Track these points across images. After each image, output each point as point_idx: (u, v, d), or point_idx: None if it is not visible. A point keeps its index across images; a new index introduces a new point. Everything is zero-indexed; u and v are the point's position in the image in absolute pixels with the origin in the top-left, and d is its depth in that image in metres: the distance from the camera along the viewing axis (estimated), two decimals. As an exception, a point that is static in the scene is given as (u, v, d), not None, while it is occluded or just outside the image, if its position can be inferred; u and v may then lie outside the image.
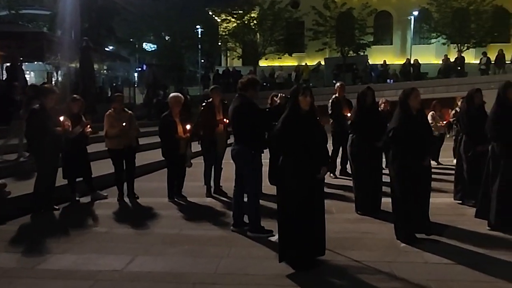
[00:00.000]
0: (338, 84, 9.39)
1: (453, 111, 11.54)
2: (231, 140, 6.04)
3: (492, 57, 23.65)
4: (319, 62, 28.08)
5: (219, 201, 7.11)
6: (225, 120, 7.01)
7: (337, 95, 9.11)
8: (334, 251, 4.59)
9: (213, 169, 7.48)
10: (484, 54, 23.63)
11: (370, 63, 25.64)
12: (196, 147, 7.81)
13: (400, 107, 4.96)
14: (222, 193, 7.46)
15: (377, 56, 28.85)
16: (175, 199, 7.14)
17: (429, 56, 30.37)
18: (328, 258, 4.40)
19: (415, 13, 30.51)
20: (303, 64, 27.23)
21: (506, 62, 23.75)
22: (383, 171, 6.33)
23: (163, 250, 4.85)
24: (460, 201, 6.77)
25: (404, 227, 4.96)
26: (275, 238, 4.86)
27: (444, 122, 10.92)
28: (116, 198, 7.15)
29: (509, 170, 5.27)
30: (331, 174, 9.04)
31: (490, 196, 5.48)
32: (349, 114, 8.89)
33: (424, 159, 4.91)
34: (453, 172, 7.31)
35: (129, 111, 7.36)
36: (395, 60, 30.27)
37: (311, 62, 27.81)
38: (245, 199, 5.35)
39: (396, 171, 4.96)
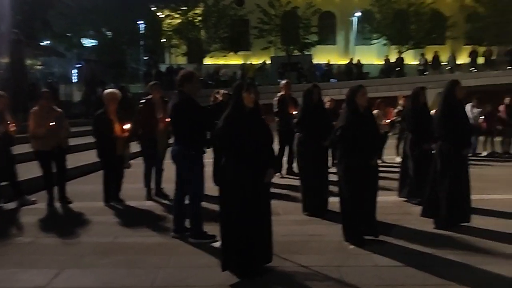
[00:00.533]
0: (283, 81, 9.19)
1: (396, 110, 11.75)
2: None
3: (430, 58, 24.63)
4: (265, 61, 28.02)
5: (160, 205, 6.67)
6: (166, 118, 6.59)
7: (283, 93, 8.91)
8: (281, 256, 4.33)
9: (153, 170, 7.04)
10: (422, 55, 24.53)
11: (315, 62, 25.87)
12: (135, 147, 7.31)
13: (347, 105, 4.79)
14: (163, 195, 7.03)
15: (321, 56, 29.19)
16: (112, 203, 6.63)
17: (371, 56, 31.13)
18: (275, 264, 4.13)
19: (358, 14, 31.21)
20: (249, 62, 27.04)
21: (442, 63, 24.79)
22: (330, 170, 6.19)
23: (94, 262, 4.38)
24: (406, 199, 6.76)
25: (352, 228, 4.79)
26: (218, 244, 4.53)
27: (388, 121, 11.03)
28: (46, 203, 6.53)
29: (457, 168, 5.26)
30: (277, 174, 8.86)
31: (437, 195, 5.46)
32: (295, 113, 8.75)
33: (372, 158, 4.78)
34: (396, 169, 7.32)
35: (59, 109, 6.74)
36: (339, 60, 30.76)
37: (257, 61, 27.66)
38: (187, 202, 4.98)
39: (343, 171, 4.78)
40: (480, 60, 22.52)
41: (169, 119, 5.04)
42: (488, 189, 7.35)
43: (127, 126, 6.55)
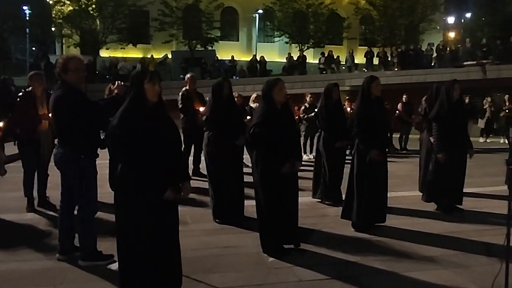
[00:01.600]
0: (188, 75, 8.48)
1: (303, 107, 11.65)
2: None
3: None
4: (166, 55, 26.82)
5: (44, 217, 5.61)
6: (50, 114, 5.54)
7: (187, 87, 8.22)
8: (192, 278, 3.69)
9: (36, 176, 5.94)
10: (323, 54, 25.22)
11: (218, 58, 25.33)
12: (11, 149, 6.14)
13: (263, 100, 4.28)
14: (49, 205, 5.95)
15: (225, 52, 28.73)
16: (-19, 218, 5.44)
17: (273, 54, 31.38)
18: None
19: (260, 11, 31.26)
20: (149, 56, 25.68)
21: (341, 62, 25.72)
22: (246, 170, 5.68)
23: None
24: (320, 200, 6.48)
25: (270, 238, 4.30)
26: (116, 266, 3.77)
27: (295, 118, 10.82)
28: None
29: (375, 167, 5.03)
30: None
31: (355, 195, 5.20)
32: (202, 109, 8.12)
33: (290, 160, 4.29)
34: (306, 168, 7.03)
35: None
36: (242, 56, 30.60)
37: (158, 55, 26.36)
38: (77, 214, 4.11)
39: (260, 174, 4.25)
40: (375, 61, 23.72)
41: (52, 116, 4.11)
42: (392, 186, 7.35)
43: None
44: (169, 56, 26.54)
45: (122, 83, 4.18)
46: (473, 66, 20.31)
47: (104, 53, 26.60)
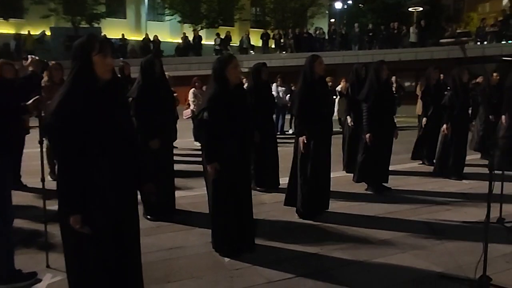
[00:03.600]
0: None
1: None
2: None
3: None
4: (44, 31, 24.01)
5: None
6: None
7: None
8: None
9: None
10: (218, 35, 24.68)
11: (108, 37, 23.34)
12: None
13: (215, 80, 3.73)
14: None
15: (111, 30, 26.61)
16: None
17: (164, 33, 29.99)
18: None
19: (149, -12, 29.60)
20: (25, 32, 22.76)
21: (232, 44, 25.40)
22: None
23: None
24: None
25: (223, 235, 3.83)
26: (46, 283, 3.03)
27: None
28: None
29: (319, 151, 4.79)
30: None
31: (297, 182, 4.93)
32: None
33: (245, 149, 3.84)
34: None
35: None
36: (131, 35, 28.74)
37: (35, 31, 23.51)
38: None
39: (209, 164, 3.72)
40: (271, 43, 23.89)
41: None
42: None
43: None
44: (48, 33, 23.84)
45: (37, 58, 3.33)
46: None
47: (-33, 28, 23.03)
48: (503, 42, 21.77)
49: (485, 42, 21.74)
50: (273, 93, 12.94)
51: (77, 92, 2.30)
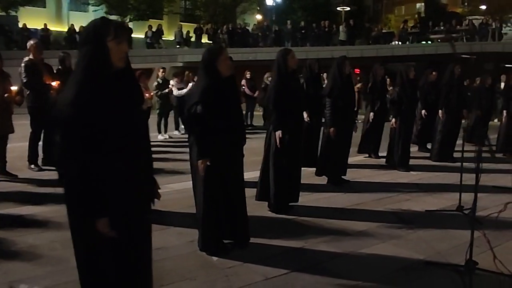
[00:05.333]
0: (31, 42, 6.85)
1: (155, 83, 10.74)
2: None
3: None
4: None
5: None
6: None
7: (31, 56, 6.66)
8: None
9: None
10: (150, 27, 23.87)
11: (28, 26, 21.64)
12: None
13: (205, 72, 3.55)
14: None
15: (30, 19, 24.72)
16: None
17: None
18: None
19: (71, -25, 27.88)
20: None
21: (164, 38, 24.75)
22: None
23: None
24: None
25: (211, 234, 3.68)
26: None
27: (151, 94, 9.88)
28: None
29: (293, 145, 4.78)
30: (32, 166, 6.71)
31: (269, 176, 4.89)
32: (54, 83, 6.75)
33: (236, 145, 3.70)
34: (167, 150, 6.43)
35: None
36: (51, 25, 26.94)
37: None
38: None
39: (198, 159, 3.55)
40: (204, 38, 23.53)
41: None
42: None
43: None
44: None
45: None
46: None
47: None
48: (423, 43, 23.34)
49: (407, 42, 23.13)
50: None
51: (94, 81, 2.05)
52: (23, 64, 6.53)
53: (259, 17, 32.80)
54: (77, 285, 2.99)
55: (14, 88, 6.05)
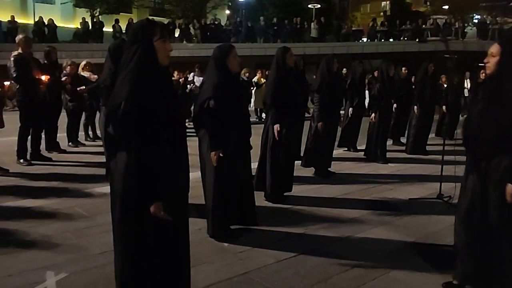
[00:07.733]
0: (20, 36, 6.84)
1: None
2: None
3: (123, 26, 23.84)
4: None
5: None
6: None
7: (20, 51, 6.65)
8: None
9: None
10: (117, 21, 23.57)
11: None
12: None
13: (217, 68, 3.78)
14: None
15: (-7, 10, 24.02)
16: None
17: (55, 17, 27.73)
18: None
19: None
20: None
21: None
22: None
23: None
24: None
25: (222, 221, 3.92)
26: (54, 281, 2.87)
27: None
28: None
29: (290, 138, 5.05)
30: (21, 160, 6.70)
31: (265, 167, 5.15)
32: (44, 78, 6.78)
33: (246, 136, 3.94)
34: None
35: None
36: (17, 17, 26.13)
37: None
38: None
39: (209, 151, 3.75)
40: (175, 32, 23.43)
41: None
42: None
43: None
44: None
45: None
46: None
47: None
48: (391, 40, 24.12)
49: (376, 40, 23.86)
50: (195, 83, 12.98)
51: (146, 77, 2.24)
52: (12, 58, 6.52)
53: (228, 12, 32.92)
54: (101, 270, 3.20)
55: (7, 83, 6.06)
